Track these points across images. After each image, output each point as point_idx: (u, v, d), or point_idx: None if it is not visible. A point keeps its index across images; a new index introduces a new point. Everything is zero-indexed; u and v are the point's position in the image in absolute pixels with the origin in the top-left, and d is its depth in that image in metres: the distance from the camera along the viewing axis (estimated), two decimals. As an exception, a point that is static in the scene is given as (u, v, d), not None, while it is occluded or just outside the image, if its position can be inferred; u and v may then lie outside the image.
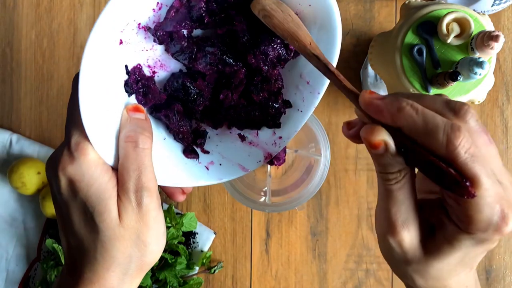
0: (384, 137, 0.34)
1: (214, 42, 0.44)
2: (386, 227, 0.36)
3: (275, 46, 0.45)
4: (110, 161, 0.41)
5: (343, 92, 0.39)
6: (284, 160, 0.49)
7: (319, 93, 0.46)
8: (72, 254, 0.41)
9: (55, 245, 0.71)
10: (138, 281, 0.42)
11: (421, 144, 0.33)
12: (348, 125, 0.38)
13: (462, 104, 0.34)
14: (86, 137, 0.39)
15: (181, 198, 0.47)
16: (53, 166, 0.40)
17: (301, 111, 0.47)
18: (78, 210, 0.40)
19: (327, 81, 0.46)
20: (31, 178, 0.72)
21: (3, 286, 0.76)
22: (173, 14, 0.43)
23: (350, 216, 0.76)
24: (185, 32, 0.44)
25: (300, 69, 0.47)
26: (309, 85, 0.46)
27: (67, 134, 0.40)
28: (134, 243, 0.40)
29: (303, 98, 0.47)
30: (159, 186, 0.43)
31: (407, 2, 0.59)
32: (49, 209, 0.72)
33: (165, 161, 0.46)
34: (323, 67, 0.40)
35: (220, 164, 0.48)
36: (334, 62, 0.44)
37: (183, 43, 0.44)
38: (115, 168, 0.41)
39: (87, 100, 0.39)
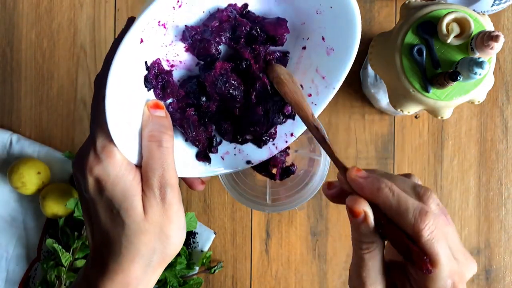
0: (365, 208, 0.40)
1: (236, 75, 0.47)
2: (357, 286, 0.41)
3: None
4: (134, 160, 0.43)
5: (334, 162, 0.44)
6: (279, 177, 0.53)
7: (334, 88, 0.48)
8: (97, 247, 0.43)
9: (55, 245, 0.71)
10: (159, 272, 0.44)
11: (393, 221, 0.40)
12: (329, 186, 0.45)
13: (426, 190, 0.41)
14: (111, 140, 0.41)
15: (200, 187, 0.50)
16: (80, 166, 0.42)
17: (316, 104, 0.49)
18: (104, 207, 0.42)
19: (343, 77, 0.47)
20: (31, 178, 0.72)
21: (3, 286, 0.76)
22: (216, 25, 0.45)
23: (350, 216, 0.76)
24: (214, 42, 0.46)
25: (315, 64, 0.48)
26: (325, 80, 0.48)
27: (92, 134, 0.42)
28: (157, 236, 0.42)
29: (318, 92, 0.48)
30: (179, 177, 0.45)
31: (407, 2, 0.59)
32: (49, 209, 0.72)
33: (184, 154, 0.48)
34: (321, 137, 0.45)
35: (235, 154, 0.50)
36: (351, 60, 0.46)
37: (212, 50, 0.45)
38: (138, 166, 0.43)
39: (112, 104, 0.40)
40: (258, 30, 0.46)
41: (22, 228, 0.76)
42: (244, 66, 0.46)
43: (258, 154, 0.50)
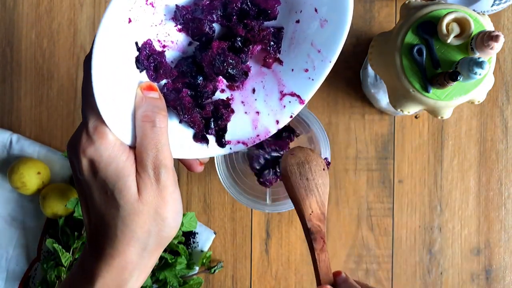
0: None
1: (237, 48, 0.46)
2: None
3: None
4: (127, 140, 0.42)
5: (314, 271, 0.45)
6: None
7: (330, 61, 0.47)
8: (93, 231, 0.43)
9: (55, 245, 0.71)
10: (156, 257, 0.44)
11: None
12: None
13: None
14: (103, 121, 0.41)
15: (199, 169, 0.50)
16: (74, 149, 0.42)
17: (312, 79, 0.48)
18: (98, 189, 0.42)
19: (338, 49, 0.46)
20: (31, 178, 0.72)
21: (3, 286, 0.76)
22: (206, 3, 0.45)
23: (350, 216, 0.76)
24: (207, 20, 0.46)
25: (310, 38, 0.47)
26: (320, 53, 0.47)
27: (84, 117, 0.42)
28: (152, 218, 0.42)
29: (314, 66, 0.47)
30: (177, 159, 0.45)
31: (407, 2, 0.59)
32: (49, 209, 0.72)
33: (181, 135, 0.47)
34: (310, 242, 0.45)
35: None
36: (345, 31, 0.45)
37: (206, 29, 0.45)
38: (132, 147, 0.43)
39: (100, 85, 0.40)
40: (249, 3, 0.45)
41: (22, 228, 0.76)
42: (239, 43, 0.46)
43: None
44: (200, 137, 0.48)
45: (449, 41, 0.54)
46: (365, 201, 0.76)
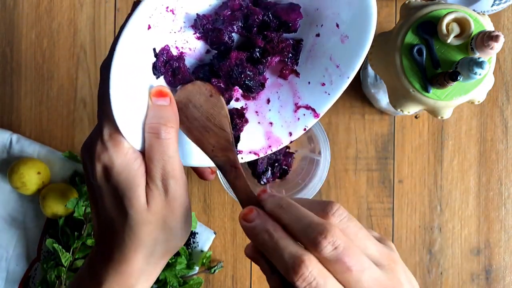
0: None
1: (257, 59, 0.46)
2: None
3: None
4: (140, 147, 0.43)
5: (239, 201, 0.42)
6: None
7: (348, 77, 0.46)
8: (102, 234, 0.43)
9: (55, 245, 0.71)
10: (163, 264, 0.44)
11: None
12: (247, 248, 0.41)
13: (320, 232, 0.35)
14: (117, 128, 0.41)
15: (210, 177, 0.50)
16: (89, 154, 0.42)
17: (329, 94, 0.47)
18: (110, 195, 0.42)
19: (357, 66, 0.46)
20: (31, 178, 0.72)
21: (3, 286, 0.76)
22: (227, 14, 0.44)
23: (350, 216, 0.76)
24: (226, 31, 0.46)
25: (329, 52, 0.47)
26: (339, 68, 0.46)
27: (99, 123, 0.42)
28: (160, 227, 0.42)
29: (332, 81, 0.47)
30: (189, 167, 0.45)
31: (407, 2, 0.59)
32: (49, 209, 0.72)
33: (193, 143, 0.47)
34: (224, 176, 0.43)
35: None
36: (366, 48, 0.45)
37: (225, 38, 0.45)
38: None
39: (117, 92, 0.40)
40: (270, 16, 0.45)
41: (22, 228, 0.76)
42: (258, 54, 0.46)
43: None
44: None
45: (449, 41, 0.54)
46: (365, 201, 0.76)
